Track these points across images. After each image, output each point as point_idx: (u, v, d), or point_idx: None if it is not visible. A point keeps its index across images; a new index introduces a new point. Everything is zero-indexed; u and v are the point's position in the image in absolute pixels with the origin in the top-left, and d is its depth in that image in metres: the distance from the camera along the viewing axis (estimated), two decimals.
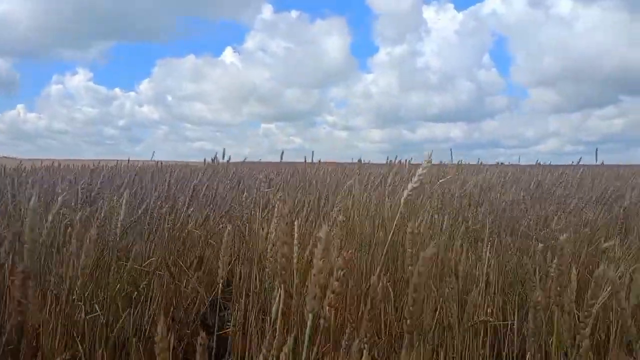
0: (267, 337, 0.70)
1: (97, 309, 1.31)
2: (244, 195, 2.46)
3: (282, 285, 0.93)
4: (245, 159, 4.87)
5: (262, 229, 1.62)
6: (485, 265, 1.68)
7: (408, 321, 0.97)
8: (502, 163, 5.96)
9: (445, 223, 1.93)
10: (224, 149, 3.97)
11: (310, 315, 0.61)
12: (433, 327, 1.54)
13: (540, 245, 1.47)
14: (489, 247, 1.74)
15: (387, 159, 3.78)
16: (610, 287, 1.04)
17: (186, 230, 2.12)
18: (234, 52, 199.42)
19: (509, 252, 1.94)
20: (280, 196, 2.28)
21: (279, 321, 1.00)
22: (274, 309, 1.07)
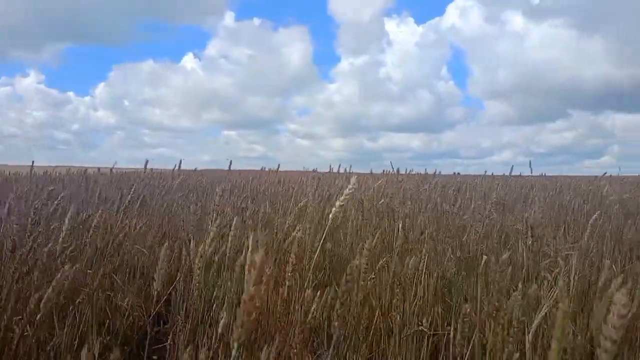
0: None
1: (28, 328, 1.28)
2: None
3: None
4: (195, 168, 4.80)
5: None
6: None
7: (335, 323, 1.07)
8: (458, 173, 6.49)
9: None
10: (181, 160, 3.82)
11: (236, 345, 0.58)
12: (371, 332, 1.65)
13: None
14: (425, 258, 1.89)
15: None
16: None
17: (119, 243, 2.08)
18: (195, 58, 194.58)
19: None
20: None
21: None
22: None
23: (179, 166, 3.84)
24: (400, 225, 2.01)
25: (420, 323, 1.69)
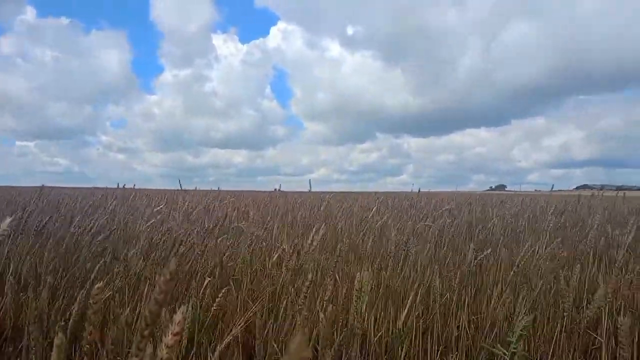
0: None
1: None
2: None
3: None
4: None
5: None
6: None
7: None
8: (279, 189, 7.24)
9: None
10: None
11: None
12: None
13: None
14: None
15: None
16: None
17: None
18: None
19: None
20: None
21: None
22: None
23: None
24: None
25: None
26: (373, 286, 2.06)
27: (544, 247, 2.71)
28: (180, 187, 5.58)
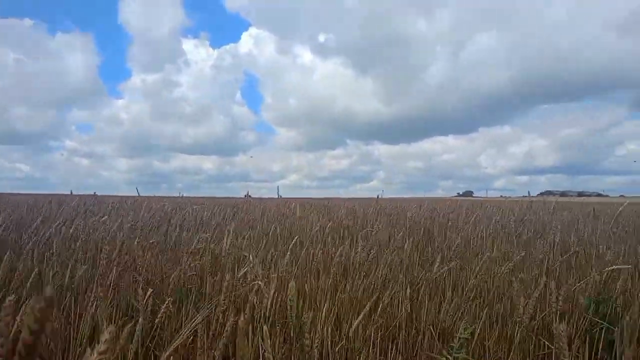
0: None
1: None
2: None
3: None
4: None
5: None
6: None
7: None
8: (250, 195, 7.46)
9: None
10: None
11: None
12: None
13: None
14: None
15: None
16: None
17: None
18: None
19: None
20: None
21: None
22: None
23: None
24: None
25: None
26: (330, 295, 2.04)
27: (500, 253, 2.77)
28: (138, 193, 5.53)
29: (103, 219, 3.10)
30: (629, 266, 2.04)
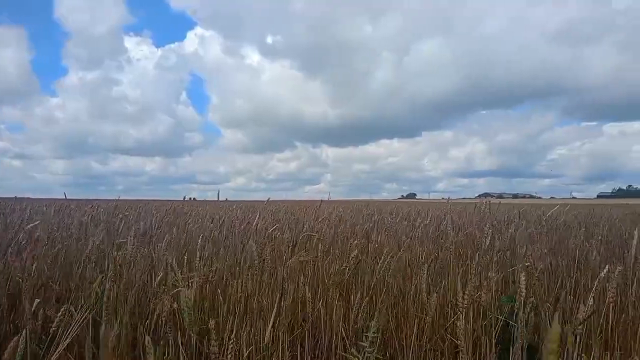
0: None
1: None
2: None
3: None
4: None
5: None
6: None
7: None
8: (194, 198, 7.31)
9: None
10: None
11: None
12: None
13: None
14: None
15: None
16: None
17: None
18: None
19: None
20: None
21: None
22: None
23: None
24: None
25: None
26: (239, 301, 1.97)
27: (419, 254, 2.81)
28: (65, 197, 5.33)
29: None
30: (527, 264, 2.13)
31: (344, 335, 1.97)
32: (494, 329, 1.78)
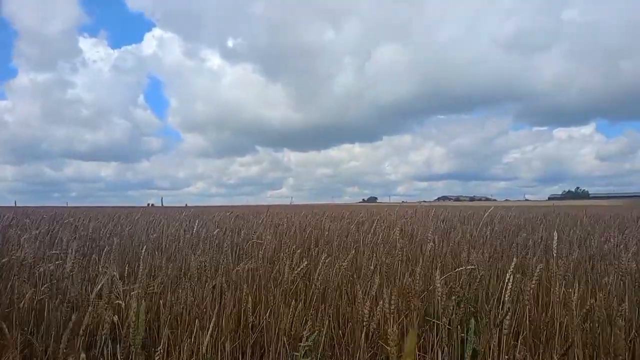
0: None
1: None
2: None
3: None
4: None
5: None
6: None
7: None
8: (152, 205, 7.49)
9: None
10: None
11: None
12: None
13: None
14: None
15: None
16: None
17: None
18: None
19: None
20: None
21: None
22: None
23: None
24: None
25: None
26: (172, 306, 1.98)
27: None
28: (15, 204, 5.34)
29: None
30: (462, 268, 2.26)
31: (286, 344, 2.02)
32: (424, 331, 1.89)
